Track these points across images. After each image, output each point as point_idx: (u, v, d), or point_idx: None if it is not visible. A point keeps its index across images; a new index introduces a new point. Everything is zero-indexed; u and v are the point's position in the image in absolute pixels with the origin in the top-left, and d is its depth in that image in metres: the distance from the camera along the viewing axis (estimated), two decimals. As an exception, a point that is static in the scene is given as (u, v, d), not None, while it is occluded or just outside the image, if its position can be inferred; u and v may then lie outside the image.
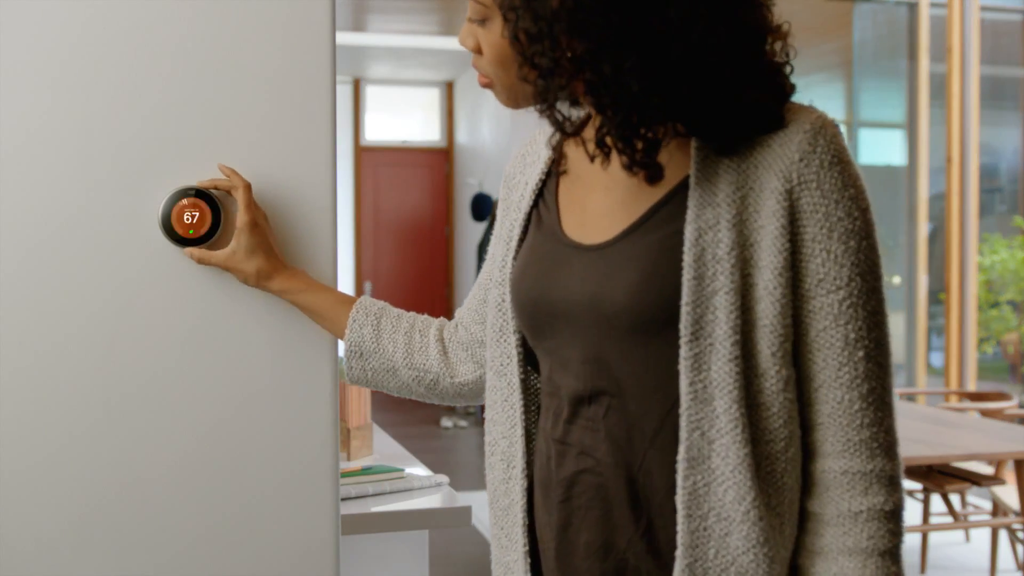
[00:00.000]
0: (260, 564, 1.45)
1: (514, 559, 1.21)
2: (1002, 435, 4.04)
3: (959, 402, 5.84)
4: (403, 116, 10.11)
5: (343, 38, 7.59)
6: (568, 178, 1.21)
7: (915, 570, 4.48)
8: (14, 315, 1.38)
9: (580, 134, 1.14)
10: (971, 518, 4.76)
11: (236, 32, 1.42)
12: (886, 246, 7.17)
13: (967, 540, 4.95)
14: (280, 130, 1.44)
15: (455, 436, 7.94)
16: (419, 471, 2.26)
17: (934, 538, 4.89)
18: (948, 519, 4.73)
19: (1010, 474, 4.82)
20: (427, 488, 2.17)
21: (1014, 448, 3.81)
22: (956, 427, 4.22)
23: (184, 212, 1.39)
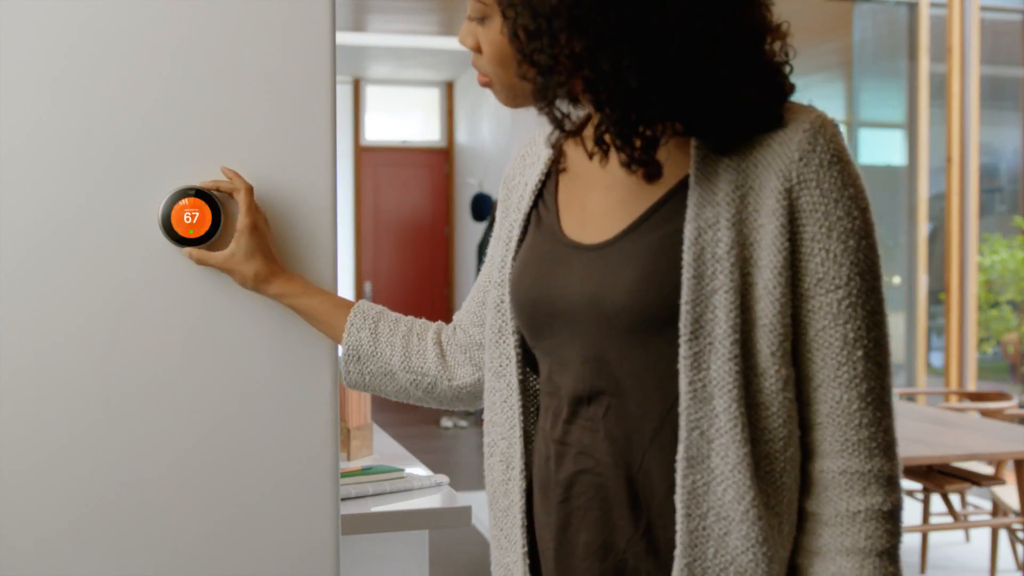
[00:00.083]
0: (260, 564, 1.45)
1: (513, 560, 1.21)
2: (1002, 435, 4.04)
3: (959, 402, 5.84)
4: (403, 116, 10.10)
5: (343, 38, 7.59)
6: (568, 178, 1.21)
7: (915, 570, 4.48)
8: (14, 315, 1.38)
9: (580, 134, 1.14)
10: (971, 518, 4.76)
11: (236, 32, 1.43)
12: (886, 246, 7.17)
13: (967, 540, 4.95)
14: (280, 130, 1.44)
15: (455, 436, 7.94)
16: (419, 471, 2.26)
17: (934, 538, 4.89)
18: (948, 519, 4.73)
19: (1010, 474, 4.82)
20: (427, 488, 2.17)
21: (1014, 448, 3.81)
22: (956, 427, 4.22)
23: (184, 212, 1.39)
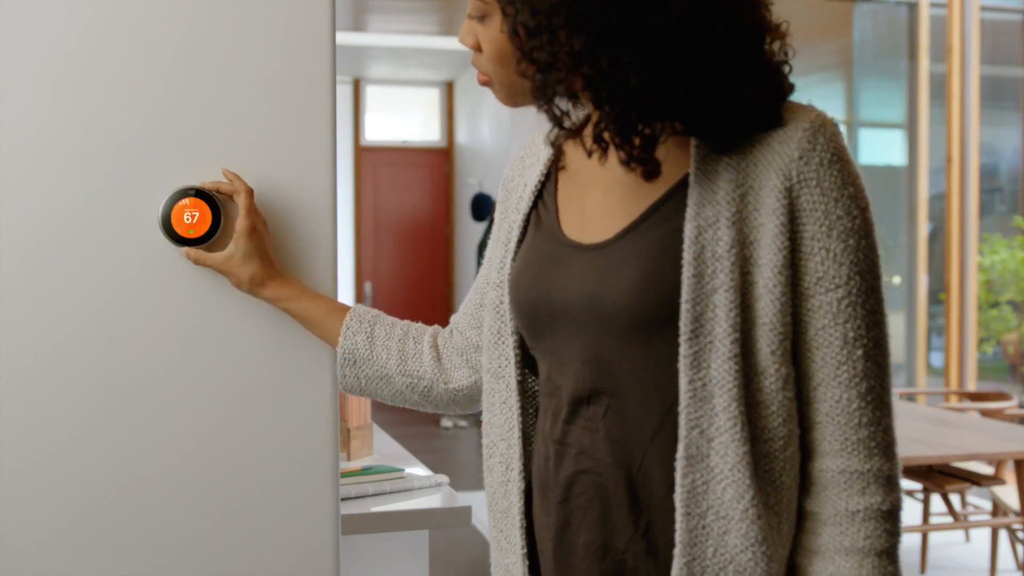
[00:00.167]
0: (260, 564, 1.45)
1: (513, 561, 1.21)
2: (1002, 435, 4.04)
3: (959, 402, 5.84)
4: (403, 116, 10.10)
5: (343, 38, 7.59)
6: (567, 178, 1.21)
7: (915, 570, 4.48)
8: (14, 315, 1.38)
9: (580, 134, 1.14)
10: (971, 518, 4.76)
11: (236, 32, 1.43)
12: (886, 246, 7.17)
13: (967, 540, 4.95)
14: (280, 130, 1.44)
15: (455, 436, 7.95)
16: (419, 471, 2.26)
17: (934, 538, 4.90)
18: (948, 519, 4.73)
19: (1010, 474, 4.82)
20: (427, 488, 2.17)
21: (1014, 448, 3.81)
22: (956, 427, 4.22)
23: (185, 212, 1.39)
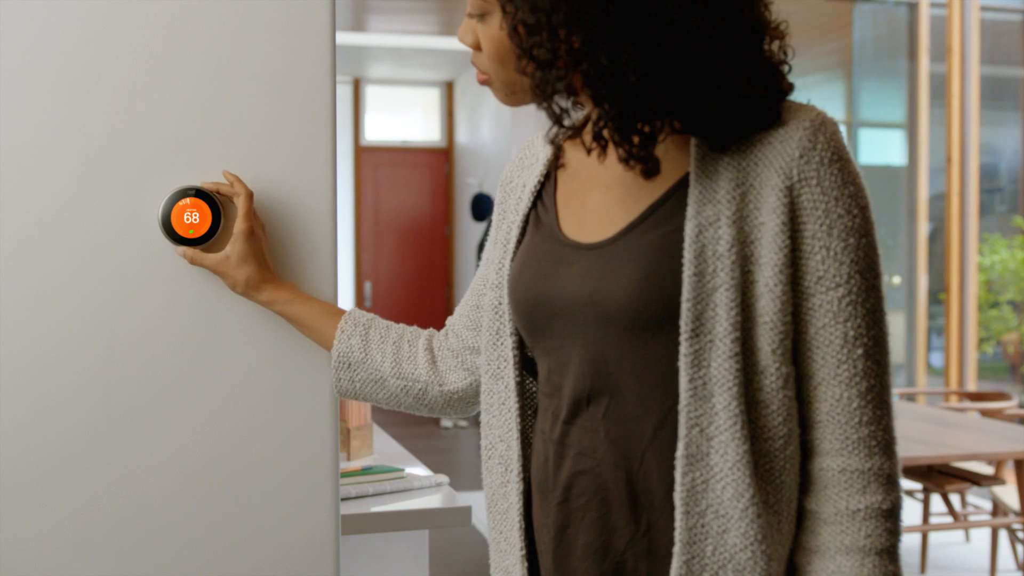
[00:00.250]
0: (260, 564, 1.45)
1: (512, 563, 1.20)
2: (1002, 435, 4.04)
3: (959, 402, 5.84)
4: (403, 116, 10.10)
5: (343, 38, 7.59)
6: (567, 178, 1.21)
7: (915, 570, 4.48)
8: (14, 315, 1.38)
9: (579, 134, 1.14)
10: (971, 518, 4.76)
11: (236, 32, 1.43)
12: (886, 246, 7.17)
13: (967, 540, 4.95)
14: (280, 130, 1.44)
15: (455, 436, 7.95)
16: (419, 471, 2.26)
17: (934, 538, 4.90)
18: (948, 519, 4.73)
19: (1010, 474, 4.83)
20: (427, 488, 2.17)
21: (1014, 448, 3.81)
22: (956, 427, 4.22)
23: (185, 212, 1.39)
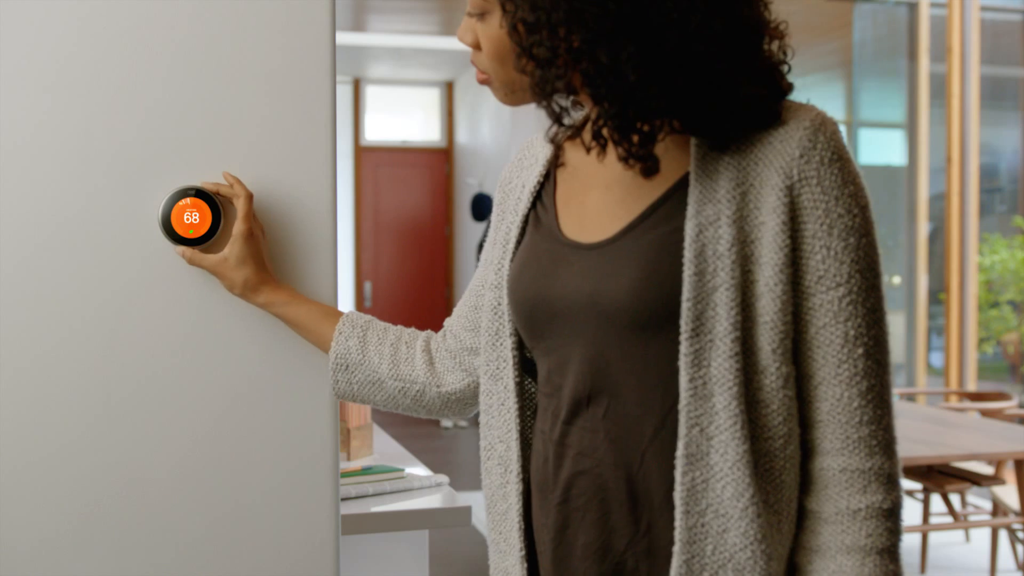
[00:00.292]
0: (260, 564, 1.45)
1: (512, 564, 1.20)
2: (1002, 435, 4.04)
3: (959, 402, 5.84)
4: (403, 116, 10.10)
5: (343, 38, 7.59)
6: (566, 178, 1.21)
7: (915, 570, 4.48)
8: (14, 315, 1.38)
9: (579, 134, 1.14)
10: (971, 518, 4.76)
11: (236, 32, 1.43)
12: (886, 246, 7.17)
13: (967, 540, 4.95)
14: (280, 130, 1.44)
15: (455, 436, 7.95)
16: (419, 471, 2.26)
17: (934, 538, 4.90)
18: (948, 519, 4.73)
19: (1010, 474, 4.83)
20: (427, 488, 2.17)
21: (1014, 448, 3.81)
22: (956, 427, 4.22)
23: (185, 212, 1.39)
